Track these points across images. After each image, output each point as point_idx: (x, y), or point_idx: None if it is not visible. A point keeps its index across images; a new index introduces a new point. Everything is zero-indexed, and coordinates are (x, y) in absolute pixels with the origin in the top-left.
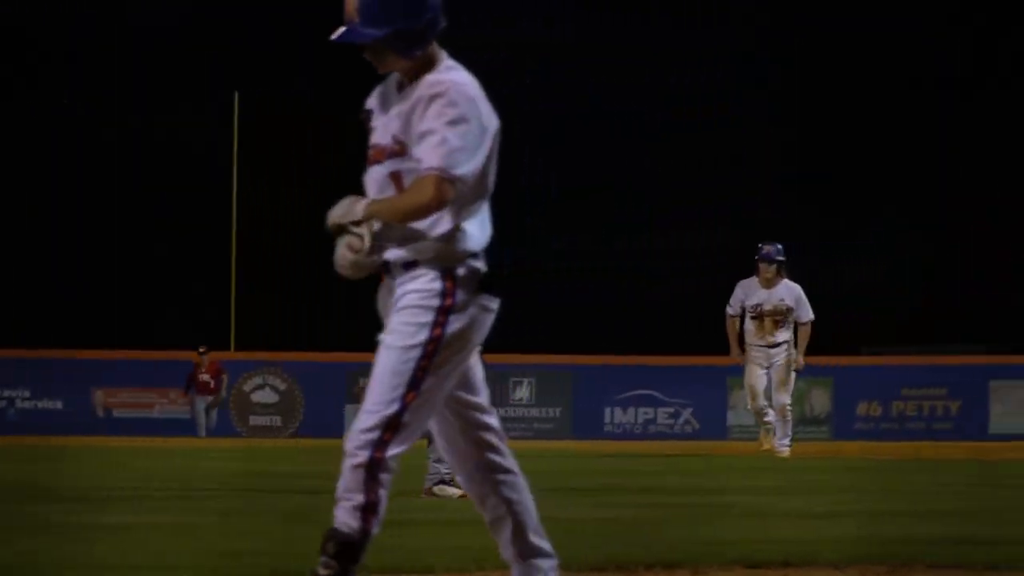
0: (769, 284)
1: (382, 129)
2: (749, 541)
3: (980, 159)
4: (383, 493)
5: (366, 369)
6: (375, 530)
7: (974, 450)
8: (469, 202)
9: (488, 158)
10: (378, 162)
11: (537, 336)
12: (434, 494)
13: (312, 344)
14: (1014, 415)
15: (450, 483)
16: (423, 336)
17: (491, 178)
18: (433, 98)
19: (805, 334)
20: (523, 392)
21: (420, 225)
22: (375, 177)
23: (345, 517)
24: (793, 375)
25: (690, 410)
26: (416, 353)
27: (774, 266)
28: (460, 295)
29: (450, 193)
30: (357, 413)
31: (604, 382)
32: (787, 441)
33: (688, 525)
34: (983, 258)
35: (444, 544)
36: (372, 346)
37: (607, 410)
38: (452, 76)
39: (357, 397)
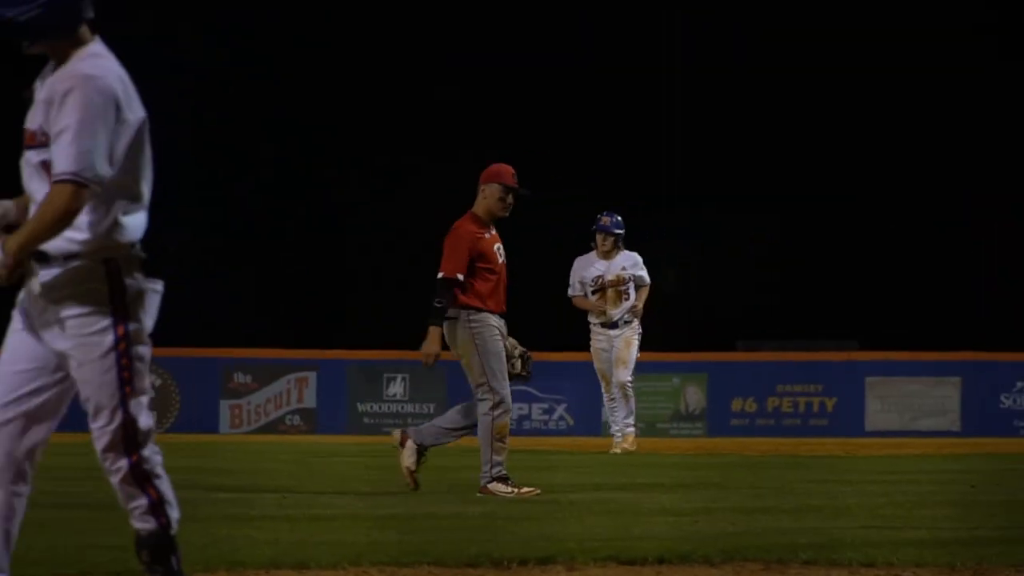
0: (608, 256)
1: (32, 113)
2: (624, 537)
3: (855, 147)
4: (160, 483)
5: (241, 364)
6: (175, 515)
7: (850, 447)
8: (124, 195)
9: (135, 151)
10: (30, 147)
11: (411, 331)
12: (489, 491)
13: (186, 339)
14: (890, 412)
15: (505, 480)
16: (110, 339)
17: (146, 170)
18: (67, 93)
19: (644, 293)
20: (397, 388)
21: (79, 221)
22: (28, 160)
23: (140, 524)
24: (635, 353)
25: (564, 406)
26: (112, 359)
27: (612, 238)
28: (127, 284)
29: (84, 197)
30: (96, 430)
31: None
32: (631, 419)
33: (563, 520)
34: (860, 253)
35: (319, 539)
36: (248, 341)
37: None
38: (87, 68)
39: (232, 392)
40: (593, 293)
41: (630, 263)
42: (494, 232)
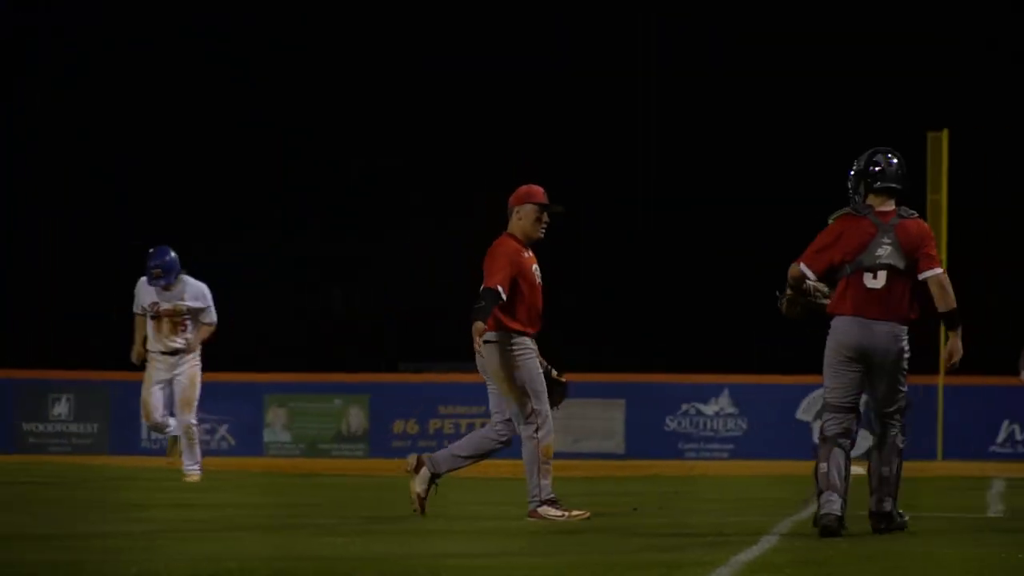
0: (167, 287)
1: None
2: (285, 557)
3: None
4: None
5: None
6: None
7: (515, 468)
8: None
9: None
10: None
11: (75, 352)
12: (539, 515)
13: None
14: (555, 433)
15: (555, 503)
16: None
17: None
18: None
19: (206, 332)
20: (62, 407)
21: None
22: None
23: None
24: (198, 391)
25: (226, 426)
26: None
27: (158, 269)
28: None
29: None
30: None
31: None
32: (196, 467)
33: (226, 540)
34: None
35: (45, 558)
36: None
37: (144, 425)
38: None
39: None
40: (152, 319)
41: (191, 295)
42: (531, 253)
